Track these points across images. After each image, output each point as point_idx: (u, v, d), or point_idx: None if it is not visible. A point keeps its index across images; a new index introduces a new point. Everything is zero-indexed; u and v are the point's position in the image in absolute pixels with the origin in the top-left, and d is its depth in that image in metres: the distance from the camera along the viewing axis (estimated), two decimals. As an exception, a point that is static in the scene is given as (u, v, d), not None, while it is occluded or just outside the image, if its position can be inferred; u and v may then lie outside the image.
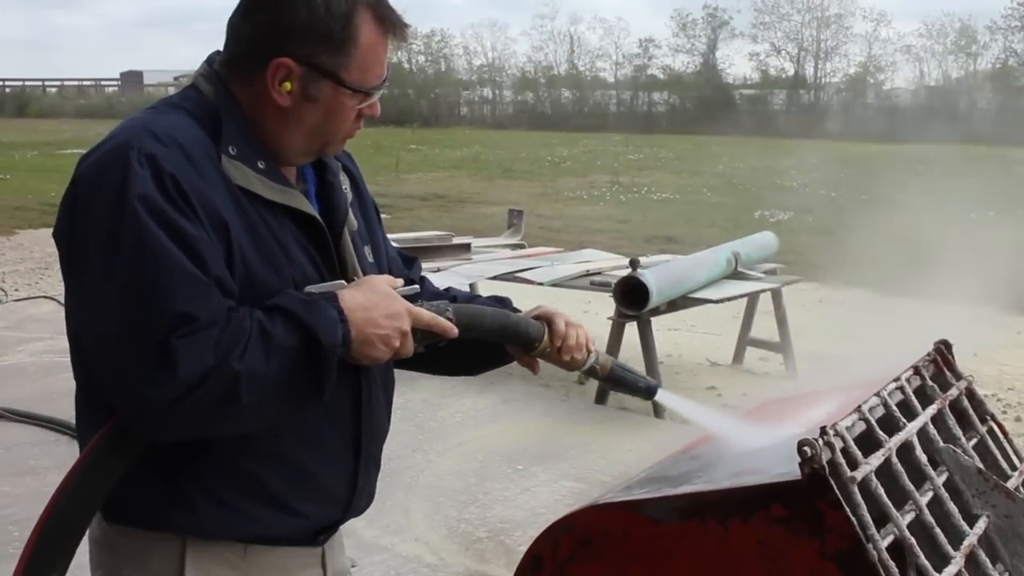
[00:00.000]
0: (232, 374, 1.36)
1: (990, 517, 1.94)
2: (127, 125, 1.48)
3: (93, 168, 1.43)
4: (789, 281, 6.64)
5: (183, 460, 1.49)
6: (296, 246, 1.53)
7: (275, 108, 1.52)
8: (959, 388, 2.18)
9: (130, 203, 1.36)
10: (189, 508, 1.51)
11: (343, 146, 1.64)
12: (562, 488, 4.56)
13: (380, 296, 1.49)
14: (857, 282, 9.80)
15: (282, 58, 1.48)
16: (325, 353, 1.41)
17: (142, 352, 1.34)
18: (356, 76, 1.52)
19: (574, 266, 6.55)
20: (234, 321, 1.39)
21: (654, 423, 5.61)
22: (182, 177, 1.40)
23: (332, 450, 1.62)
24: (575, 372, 1.86)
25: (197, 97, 1.54)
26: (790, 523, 1.72)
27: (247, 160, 1.50)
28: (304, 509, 1.59)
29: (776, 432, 2.03)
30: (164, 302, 1.35)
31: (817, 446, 1.66)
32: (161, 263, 1.35)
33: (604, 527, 1.98)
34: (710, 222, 14.69)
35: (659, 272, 5.29)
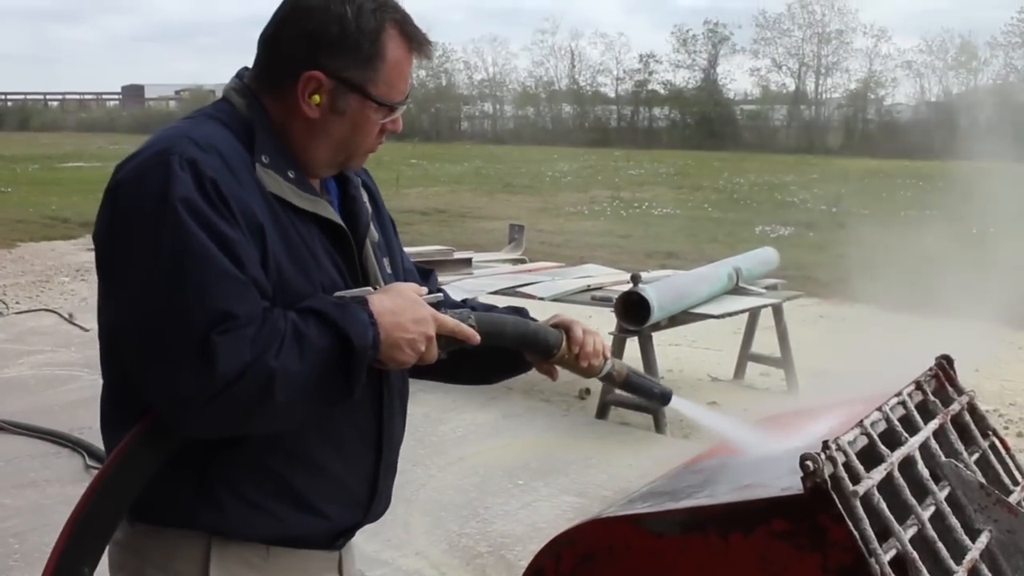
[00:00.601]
0: (268, 371, 1.39)
1: (992, 532, 1.94)
2: (166, 133, 1.53)
3: (134, 173, 1.47)
4: (790, 296, 6.64)
5: (213, 459, 1.53)
6: (324, 253, 1.58)
7: (304, 120, 1.57)
8: (961, 403, 2.19)
9: (172, 205, 1.41)
10: (217, 506, 1.54)
11: (365, 160, 1.70)
12: (563, 503, 4.56)
13: (407, 302, 1.54)
14: (858, 298, 9.78)
15: (313, 71, 1.54)
16: (356, 354, 1.45)
17: (183, 348, 1.38)
18: (382, 91, 1.58)
19: (575, 281, 6.55)
20: (269, 321, 1.43)
21: (655, 438, 5.60)
22: (222, 182, 1.45)
23: (355, 453, 1.66)
24: (588, 380, 1.93)
25: (230, 109, 1.59)
26: (792, 537, 1.72)
27: (279, 169, 1.55)
28: (327, 510, 1.63)
29: (786, 439, 2.03)
30: (205, 300, 1.39)
31: (819, 460, 1.66)
32: (202, 262, 1.40)
33: (606, 541, 1.98)
34: (711, 237, 14.70)
35: (660, 287, 5.29)
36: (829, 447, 1.71)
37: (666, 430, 5.70)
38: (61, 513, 1.53)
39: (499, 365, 1.87)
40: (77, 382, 6.38)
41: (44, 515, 4.14)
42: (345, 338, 1.45)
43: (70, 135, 50.54)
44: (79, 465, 4.78)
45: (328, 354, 1.44)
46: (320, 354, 1.44)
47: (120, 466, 1.49)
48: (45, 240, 14.29)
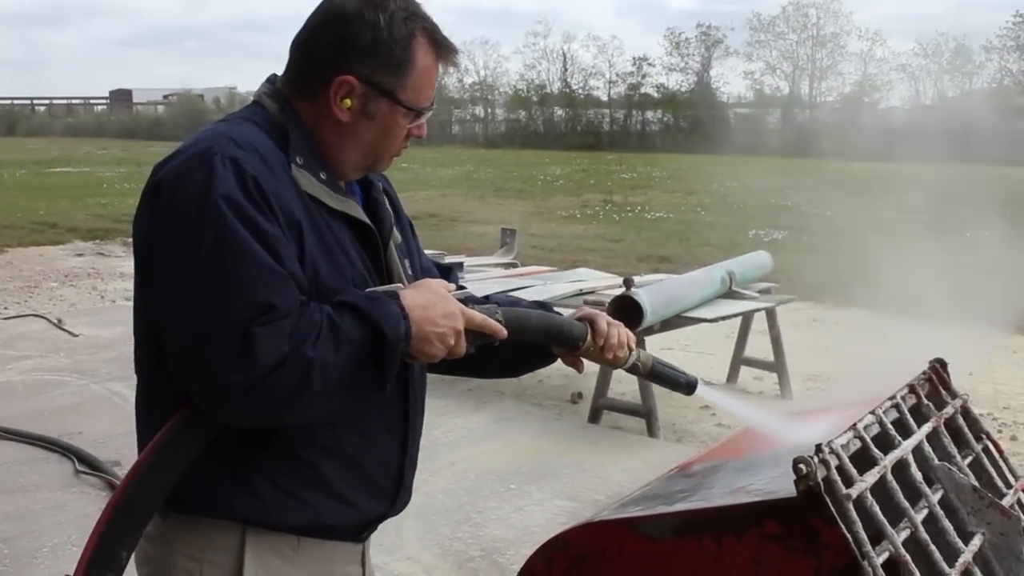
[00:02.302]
0: (306, 362, 1.44)
1: (985, 535, 1.93)
2: (205, 135, 1.58)
3: (176, 171, 1.52)
4: (783, 300, 6.64)
5: (250, 450, 1.58)
6: (354, 252, 1.64)
7: (335, 123, 1.63)
8: (954, 406, 2.18)
9: (215, 201, 1.46)
10: (254, 495, 1.59)
11: (391, 163, 1.74)
12: (555, 507, 4.55)
13: (437, 297, 1.58)
14: (852, 301, 9.80)
15: (345, 76, 1.60)
16: (389, 346, 1.50)
17: (225, 338, 1.42)
18: (411, 96, 1.64)
19: (567, 285, 6.54)
20: (307, 313, 1.48)
21: (647, 442, 5.59)
22: (262, 180, 1.51)
23: (383, 445, 1.72)
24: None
25: (264, 113, 1.65)
26: (785, 540, 1.72)
27: (312, 170, 1.61)
28: (357, 500, 1.69)
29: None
30: (246, 292, 1.44)
31: (813, 463, 1.65)
32: (244, 256, 1.45)
33: (599, 544, 1.98)
34: (704, 241, 14.71)
35: (653, 291, 5.28)
36: (822, 450, 1.70)
37: (659, 434, 5.69)
38: (50, 519, 1.53)
39: (525, 358, 1.93)
40: (66, 387, 6.36)
41: (34, 520, 4.12)
42: (378, 330, 1.49)
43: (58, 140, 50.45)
44: (69, 470, 4.75)
45: (362, 346, 1.49)
46: (355, 345, 1.48)
47: (160, 453, 1.53)
48: (33, 245, 14.25)
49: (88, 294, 10.47)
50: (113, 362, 6.86)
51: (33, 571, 3.77)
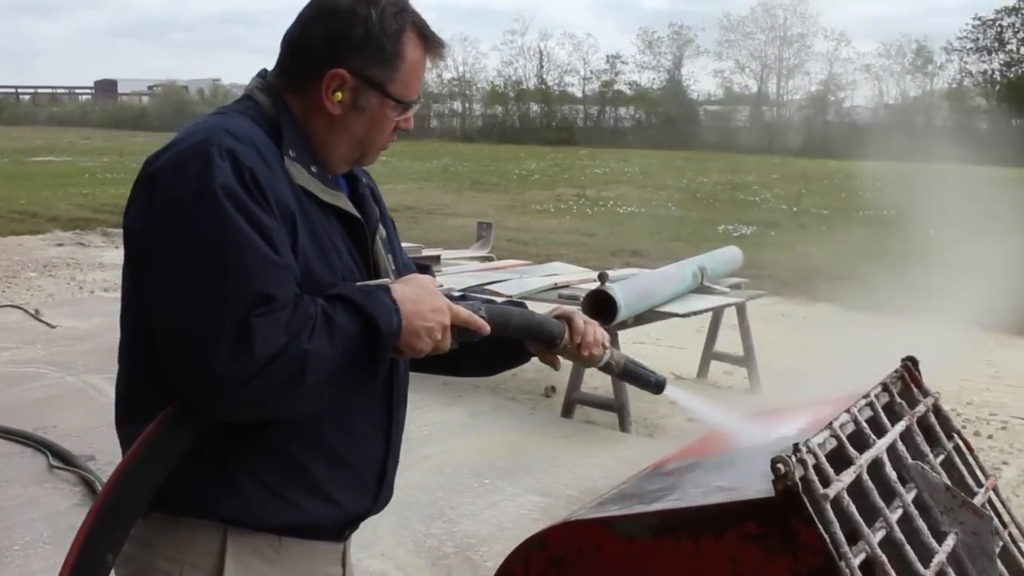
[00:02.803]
0: (301, 354, 1.44)
1: (958, 534, 1.95)
2: (200, 127, 1.58)
3: (172, 162, 1.52)
4: (754, 295, 6.69)
5: (235, 447, 1.57)
6: (342, 245, 1.65)
7: (326, 117, 1.64)
8: (926, 405, 2.20)
9: (213, 191, 1.46)
10: (238, 494, 1.58)
11: (377, 157, 1.76)
12: (528, 503, 4.55)
13: (426, 291, 1.59)
14: (820, 297, 9.89)
15: (337, 69, 1.61)
16: (383, 339, 1.50)
17: (222, 329, 1.42)
18: (400, 89, 1.66)
19: (543, 279, 6.55)
20: (302, 306, 1.48)
21: (620, 437, 5.62)
22: (258, 172, 1.51)
23: (368, 441, 1.72)
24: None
25: (256, 107, 1.66)
26: (763, 540, 1.73)
27: (303, 163, 1.62)
28: (340, 498, 1.68)
29: (774, 429, 2.05)
30: (245, 282, 1.44)
31: (791, 463, 1.66)
32: (242, 247, 1.45)
33: (577, 544, 1.98)
34: (675, 236, 14.77)
35: (627, 286, 5.30)
36: (800, 450, 1.71)
37: (631, 429, 5.72)
38: (23, 515, 1.51)
39: (499, 357, 1.94)
40: (43, 380, 6.29)
41: (5, 517, 4.04)
42: (372, 323, 1.50)
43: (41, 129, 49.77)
44: (42, 465, 4.68)
45: (355, 339, 1.49)
46: (348, 338, 1.49)
47: (147, 452, 1.52)
48: (12, 235, 14.08)
49: (67, 284, 10.36)
50: (90, 354, 6.79)
51: (3, 570, 3.72)
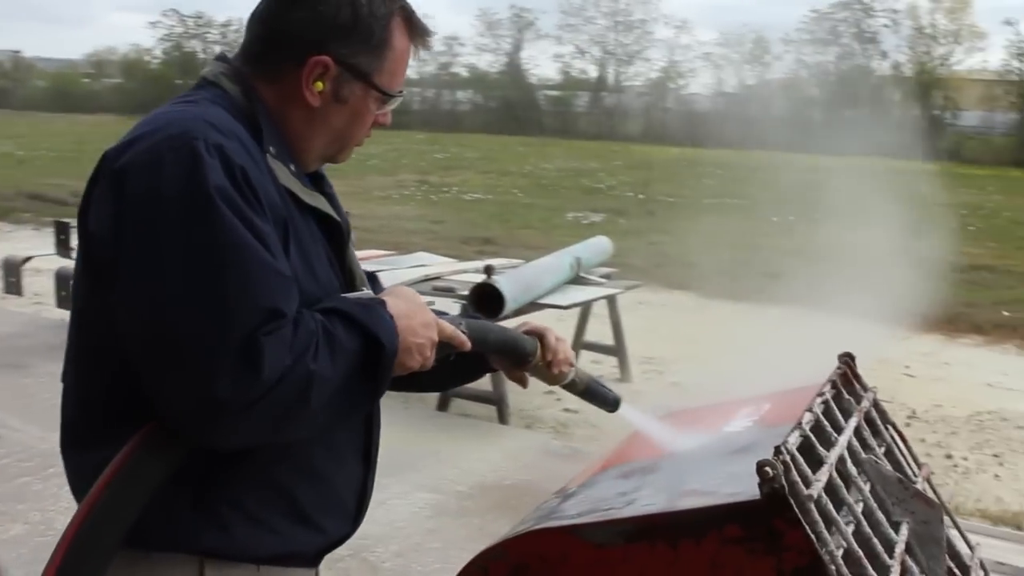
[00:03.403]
0: (307, 375, 1.32)
1: (910, 523, 1.99)
2: (174, 117, 1.39)
3: (146, 157, 1.34)
4: (632, 286, 6.80)
5: (217, 474, 1.42)
6: (323, 251, 1.53)
7: (304, 108, 1.50)
8: (868, 400, 2.24)
9: (207, 193, 1.30)
10: (221, 525, 1.44)
11: (351, 154, 1.61)
12: (418, 500, 4.47)
13: (416, 306, 1.50)
14: (676, 284, 10.15)
15: (321, 56, 1.47)
16: (386, 356, 1.40)
17: (227, 348, 1.27)
18: (386, 80, 1.53)
19: (412, 270, 6.44)
20: (302, 322, 1.35)
21: (500, 430, 5.60)
22: (250, 171, 1.36)
23: (350, 462, 1.61)
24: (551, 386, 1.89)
25: (225, 95, 1.48)
26: (745, 543, 1.70)
27: (283, 161, 1.48)
28: (324, 524, 1.57)
29: (721, 447, 2.03)
30: (250, 297, 1.29)
31: (778, 466, 1.65)
32: (245, 256, 1.30)
33: (541, 552, 1.91)
34: (524, 223, 14.88)
35: (511, 279, 5.27)
36: (781, 451, 1.70)
37: (509, 420, 5.70)
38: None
39: (458, 372, 1.83)
40: None
41: None
42: (374, 340, 1.38)
43: None
44: None
45: (355, 357, 1.38)
46: (349, 357, 1.37)
47: (121, 482, 1.34)
48: None
49: None
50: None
51: None
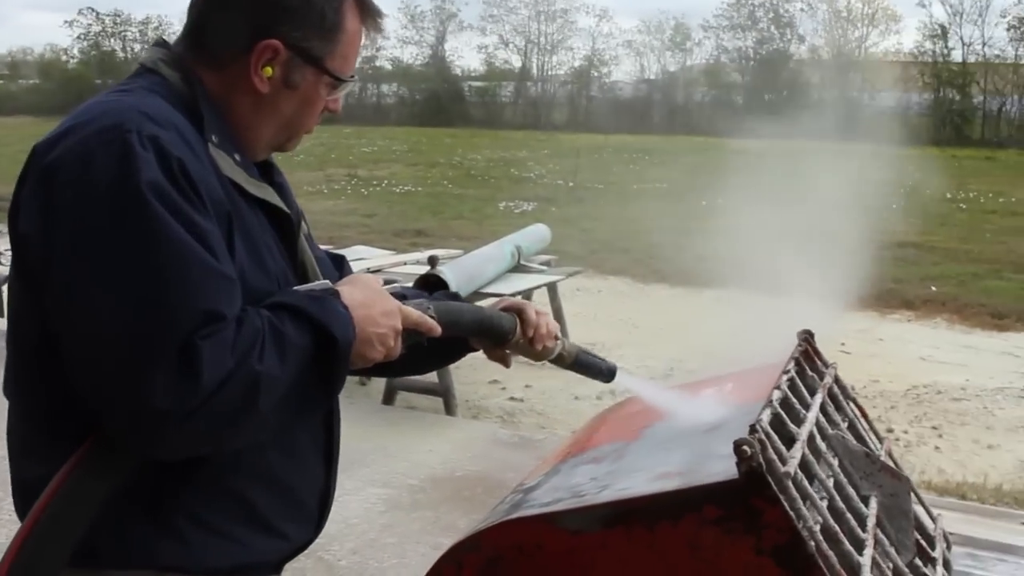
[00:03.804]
0: (253, 377, 1.24)
1: (878, 497, 2.02)
2: (106, 107, 1.32)
3: (76, 152, 1.26)
4: (573, 272, 6.82)
5: (170, 484, 1.35)
6: (272, 244, 1.45)
7: (251, 95, 1.42)
8: (830, 376, 2.27)
9: (139, 190, 1.22)
10: (177, 538, 1.36)
11: (299, 142, 1.54)
12: (371, 495, 4.42)
13: (375, 293, 1.42)
14: (610, 270, 10.21)
15: (271, 40, 1.39)
16: (341, 351, 1.32)
17: (161, 354, 1.19)
18: (338, 64, 1.46)
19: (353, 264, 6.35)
20: (247, 320, 1.27)
21: (448, 421, 5.57)
22: (188, 163, 1.28)
23: (310, 464, 1.54)
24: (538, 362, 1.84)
25: (163, 82, 1.40)
26: (724, 523, 1.70)
27: (227, 151, 1.39)
28: (286, 530, 1.50)
29: (716, 410, 2.04)
30: (188, 299, 1.22)
31: (756, 445, 1.65)
32: (181, 256, 1.23)
33: (515, 543, 1.89)
34: (456, 214, 14.84)
35: (455, 268, 5.24)
36: (757, 430, 1.70)
37: (456, 411, 5.68)
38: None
39: (436, 354, 1.76)
40: None
41: None
42: (326, 335, 1.31)
43: None
44: None
45: (308, 353, 1.30)
46: (300, 354, 1.29)
47: (64, 498, 1.27)
48: None
49: None
50: None
51: None
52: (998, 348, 7.73)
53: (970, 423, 5.94)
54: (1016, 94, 33.33)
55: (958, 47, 35.09)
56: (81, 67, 44.61)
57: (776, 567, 1.68)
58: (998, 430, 5.83)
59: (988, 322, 8.43)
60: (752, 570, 1.69)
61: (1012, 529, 3.70)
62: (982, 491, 4.56)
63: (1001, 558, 3.37)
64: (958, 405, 6.24)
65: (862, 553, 1.78)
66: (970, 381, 6.75)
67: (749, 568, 1.69)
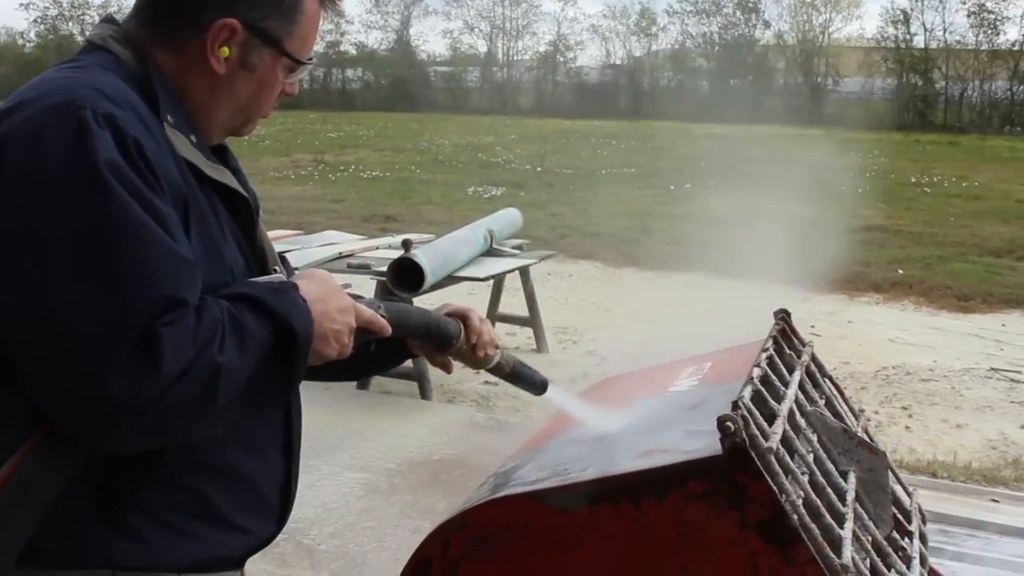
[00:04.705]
0: (214, 368, 1.20)
1: (856, 472, 2.06)
2: (58, 83, 1.28)
3: (26, 128, 1.21)
4: (546, 256, 6.84)
5: (123, 481, 1.30)
6: (229, 231, 1.41)
7: (207, 76, 1.39)
8: (807, 354, 2.30)
9: (96, 169, 1.18)
10: (132, 536, 1.32)
11: (256, 127, 1.51)
12: (348, 480, 4.42)
13: (332, 289, 1.39)
14: (580, 254, 10.23)
15: (228, 19, 1.35)
16: (301, 345, 1.29)
17: (120, 342, 1.15)
18: (296, 46, 1.43)
19: (324, 249, 6.34)
20: (206, 309, 1.23)
21: (423, 405, 5.57)
22: (145, 143, 1.24)
23: (270, 458, 1.50)
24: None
25: (115, 60, 1.36)
26: (708, 498, 1.73)
27: (183, 131, 1.35)
28: (248, 525, 1.46)
29: (672, 406, 2.06)
30: (148, 284, 1.18)
31: (739, 421, 1.67)
32: (140, 239, 1.19)
33: (502, 521, 1.91)
34: (425, 199, 14.80)
35: (429, 252, 5.24)
36: (739, 407, 1.73)
37: (432, 396, 5.68)
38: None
39: (374, 359, 1.72)
40: None
41: None
42: (286, 328, 1.28)
43: None
44: None
45: (265, 346, 1.27)
46: (259, 346, 1.26)
47: (10, 496, 1.21)
48: None
49: None
50: None
51: None
52: (964, 330, 7.84)
53: (939, 403, 6.03)
54: (977, 80, 33.74)
55: (920, 33, 35.43)
56: (38, 51, 43.87)
57: (760, 541, 1.71)
58: (966, 410, 5.93)
59: (954, 304, 8.55)
60: (737, 544, 1.72)
61: (982, 506, 3.78)
62: (952, 469, 4.63)
63: (972, 534, 3.44)
64: (927, 386, 6.33)
65: (843, 527, 1.81)
66: (938, 362, 6.85)
67: (734, 542, 1.72)
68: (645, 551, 1.80)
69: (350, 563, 3.68)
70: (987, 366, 6.76)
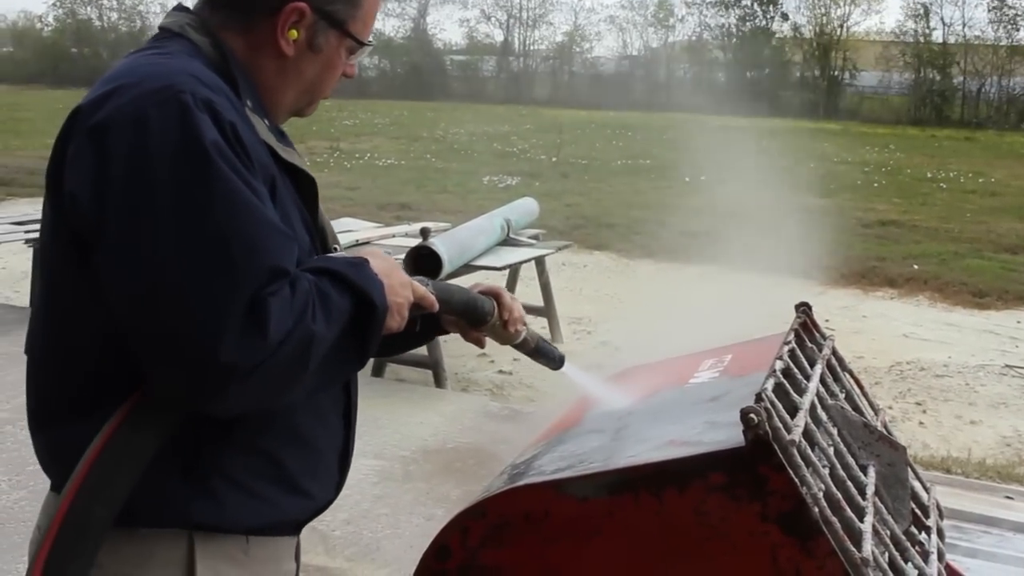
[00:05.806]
0: (309, 336, 1.28)
1: (876, 466, 2.06)
2: (154, 69, 1.32)
3: (129, 111, 1.26)
4: (563, 246, 6.83)
5: (206, 444, 1.38)
6: (297, 210, 1.46)
7: (277, 59, 1.44)
8: (828, 348, 2.30)
9: (203, 149, 1.24)
10: (212, 497, 1.39)
11: (317, 107, 1.57)
12: (363, 466, 4.44)
13: (392, 266, 1.46)
14: (595, 245, 10.23)
15: (298, 3, 1.41)
16: (379, 316, 1.37)
17: (230, 309, 1.22)
18: (359, 28, 1.49)
19: (341, 236, 6.34)
20: (298, 282, 1.30)
21: (438, 394, 5.59)
22: (239, 127, 1.31)
23: (333, 425, 1.58)
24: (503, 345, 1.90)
25: (195, 48, 1.41)
26: (730, 490, 1.73)
27: (260, 115, 1.40)
28: (312, 489, 1.53)
29: (693, 398, 2.06)
30: (255, 255, 1.25)
31: (762, 413, 1.68)
32: (247, 213, 1.26)
33: (523, 510, 1.92)
34: (440, 188, 14.80)
35: (447, 241, 5.25)
36: (762, 399, 1.73)
37: (446, 384, 5.70)
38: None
39: (410, 334, 1.72)
40: None
41: None
42: (366, 300, 1.36)
43: None
44: None
45: (345, 317, 1.34)
46: (341, 317, 1.34)
47: (111, 457, 1.30)
48: None
49: None
50: None
51: None
52: (979, 326, 7.81)
53: (953, 399, 6.02)
54: (995, 75, 33.52)
55: (939, 28, 35.21)
56: (56, 35, 44.03)
57: (781, 533, 1.71)
58: (980, 406, 5.91)
59: (969, 300, 8.51)
60: (758, 536, 1.72)
61: (995, 502, 3.77)
62: (966, 466, 4.63)
63: (986, 530, 3.44)
64: (941, 381, 6.31)
65: (863, 520, 1.81)
66: (952, 358, 6.83)
67: (755, 534, 1.73)
68: (665, 542, 1.80)
69: (364, 549, 3.70)
70: (1002, 363, 6.74)
